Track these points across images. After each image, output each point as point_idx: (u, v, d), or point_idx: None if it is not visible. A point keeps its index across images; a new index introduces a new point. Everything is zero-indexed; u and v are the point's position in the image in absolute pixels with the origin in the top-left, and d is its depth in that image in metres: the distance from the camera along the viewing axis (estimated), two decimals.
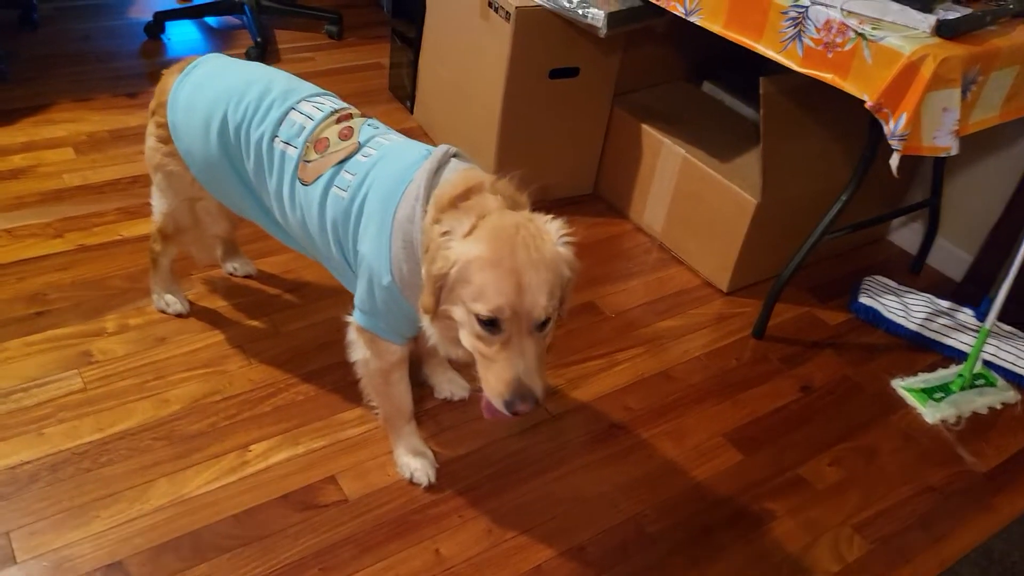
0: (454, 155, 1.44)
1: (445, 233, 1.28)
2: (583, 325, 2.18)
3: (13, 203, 2.28)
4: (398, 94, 3.08)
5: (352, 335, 1.56)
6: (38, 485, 1.58)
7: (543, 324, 1.27)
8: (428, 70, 2.82)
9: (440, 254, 1.27)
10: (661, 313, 2.27)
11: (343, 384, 1.85)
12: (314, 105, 1.55)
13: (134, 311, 1.99)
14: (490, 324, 1.24)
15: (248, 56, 3.15)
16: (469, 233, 1.27)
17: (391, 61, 3.08)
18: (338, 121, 1.52)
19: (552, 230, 1.32)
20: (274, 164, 1.53)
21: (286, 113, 1.53)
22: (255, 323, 2.02)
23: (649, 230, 2.56)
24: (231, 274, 2.15)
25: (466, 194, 1.33)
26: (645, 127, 2.46)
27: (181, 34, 3.39)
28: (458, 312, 1.29)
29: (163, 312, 1.99)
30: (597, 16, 2.15)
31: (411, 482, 1.69)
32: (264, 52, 3.20)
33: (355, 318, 1.52)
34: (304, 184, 1.50)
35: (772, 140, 2.11)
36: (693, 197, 2.36)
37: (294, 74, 1.64)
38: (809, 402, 2.06)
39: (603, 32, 2.15)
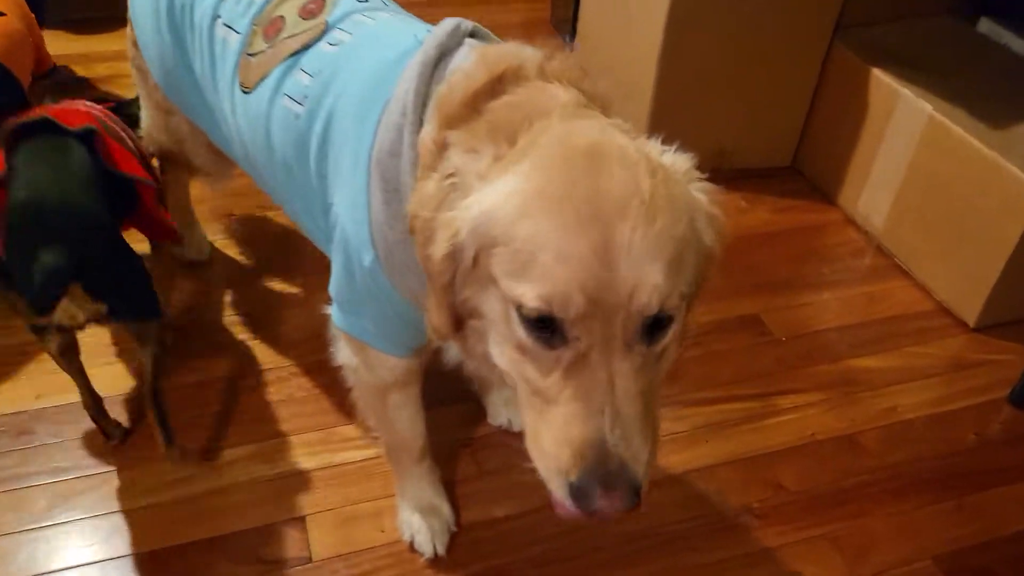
0: (470, 34, 0.85)
1: (450, 176, 0.68)
2: (736, 347, 1.50)
3: None
4: (560, 29, 2.50)
5: (334, 330, 1.00)
6: None
7: (656, 328, 0.63)
8: None
9: (441, 218, 0.67)
10: (862, 345, 1.52)
11: None
12: None
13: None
14: (543, 326, 0.62)
15: None
16: (501, 157, 0.67)
17: None
18: None
19: (676, 165, 0.70)
20: (215, 60, 1.03)
21: None
22: (283, 286, 1.54)
23: (864, 223, 1.78)
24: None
25: (494, 86, 0.74)
26: (876, 72, 1.68)
27: None
28: (488, 304, 0.67)
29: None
30: None
31: (410, 548, 1.13)
32: None
33: (332, 315, 0.97)
34: (245, 91, 0.97)
35: None
36: (937, 179, 1.57)
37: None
38: None
39: None
